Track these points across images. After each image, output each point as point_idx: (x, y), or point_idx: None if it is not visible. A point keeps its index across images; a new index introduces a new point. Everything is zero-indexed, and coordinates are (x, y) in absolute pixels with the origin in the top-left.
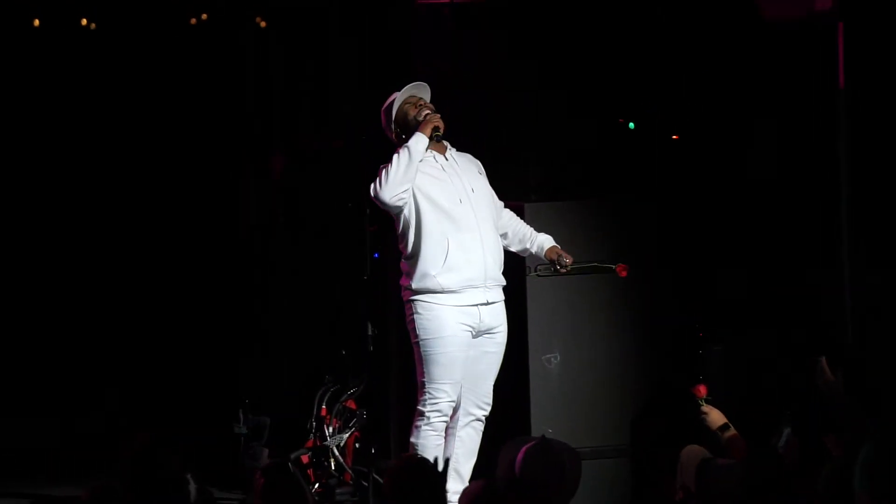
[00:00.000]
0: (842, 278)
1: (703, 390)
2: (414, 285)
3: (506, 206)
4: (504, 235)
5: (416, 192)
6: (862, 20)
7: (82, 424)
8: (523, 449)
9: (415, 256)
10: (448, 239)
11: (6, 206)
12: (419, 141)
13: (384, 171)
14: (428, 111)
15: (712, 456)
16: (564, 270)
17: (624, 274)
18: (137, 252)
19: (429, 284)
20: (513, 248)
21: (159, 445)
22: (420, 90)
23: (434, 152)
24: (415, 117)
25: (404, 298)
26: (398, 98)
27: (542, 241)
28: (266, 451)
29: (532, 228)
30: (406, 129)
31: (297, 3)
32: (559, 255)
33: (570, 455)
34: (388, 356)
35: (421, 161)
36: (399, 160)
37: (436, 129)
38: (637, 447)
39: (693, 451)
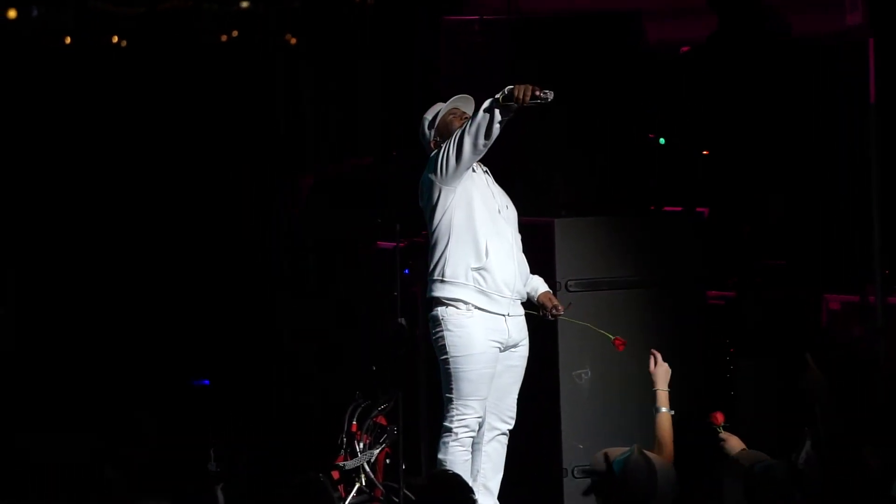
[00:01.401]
0: (875, 293)
1: (720, 417)
2: (442, 293)
3: (534, 223)
4: None
5: (461, 192)
6: (893, 35)
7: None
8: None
9: (453, 253)
10: (487, 243)
11: (43, 229)
12: (506, 109)
13: (468, 125)
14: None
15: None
16: (551, 318)
17: (621, 349)
18: (162, 269)
19: (460, 294)
20: None
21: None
22: (465, 103)
23: (478, 165)
24: (458, 129)
25: (432, 310)
26: (444, 108)
27: (535, 284)
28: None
29: (528, 269)
30: (446, 139)
31: (327, 21)
32: (551, 302)
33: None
34: (418, 372)
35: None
36: (486, 117)
37: (534, 94)
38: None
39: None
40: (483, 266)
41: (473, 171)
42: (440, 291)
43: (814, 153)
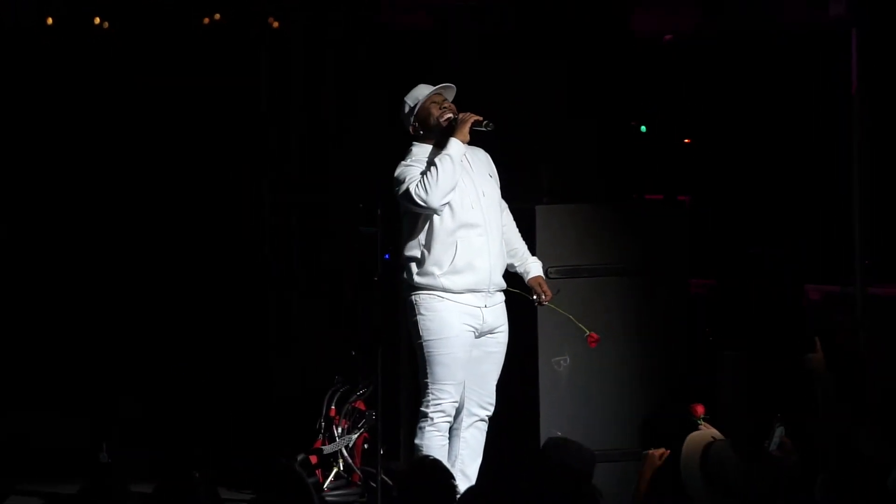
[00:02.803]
0: (854, 286)
1: (700, 409)
2: (416, 280)
3: (516, 210)
4: None
5: None
6: (875, 26)
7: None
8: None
9: (421, 254)
10: (457, 242)
11: (33, 225)
12: (458, 149)
13: (429, 176)
14: (451, 114)
15: (714, 438)
16: (538, 304)
17: (593, 346)
18: (148, 259)
19: (431, 283)
20: None
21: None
22: (446, 91)
23: None
24: (437, 119)
25: (406, 295)
26: (423, 96)
27: (529, 267)
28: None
29: (526, 247)
30: (425, 127)
31: (308, 8)
32: (540, 288)
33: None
34: (398, 357)
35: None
36: (444, 167)
37: (477, 123)
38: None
39: (694, 439)
40: (453, 270)
41: None
42: (413, 280)
43: (795, 143)
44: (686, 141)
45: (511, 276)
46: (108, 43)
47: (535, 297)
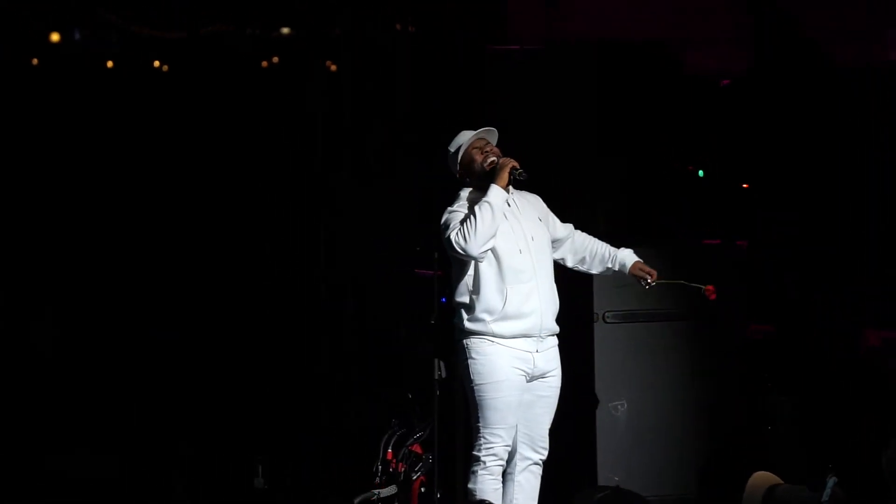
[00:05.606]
0: None
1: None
2: (467, 325)
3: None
4: (581, 261)
5: None
6: None
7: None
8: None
9: (470, 300)
10: (506, 289)
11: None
12: (499, 195)
13: (468, 224)
14: (494, 157)
15: (781, 482)
16: (647, 287)
17: (713, 297)
18: (202, 292)
19: (482, 329)
20: (594, 271)
21: None
22: (488, 134)
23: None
24: (481, 164)
25: (457, 339)
26: (465, 142)
27: (623, 259)
28: None
29: (610, 246)
30: (470, 172)
31: (368, 47)
32: (642, 272)
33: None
34: (454, 401)
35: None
36: (483, 215)
37: (514, 169)
38: (705, 496)
39: (760, 478)
40: (503, 316)
41: None
42: (464, 325)
43: (854, 185)
44: (744, 186)
45: (669, 272)
46: (167, 84)
47: (642, 281)
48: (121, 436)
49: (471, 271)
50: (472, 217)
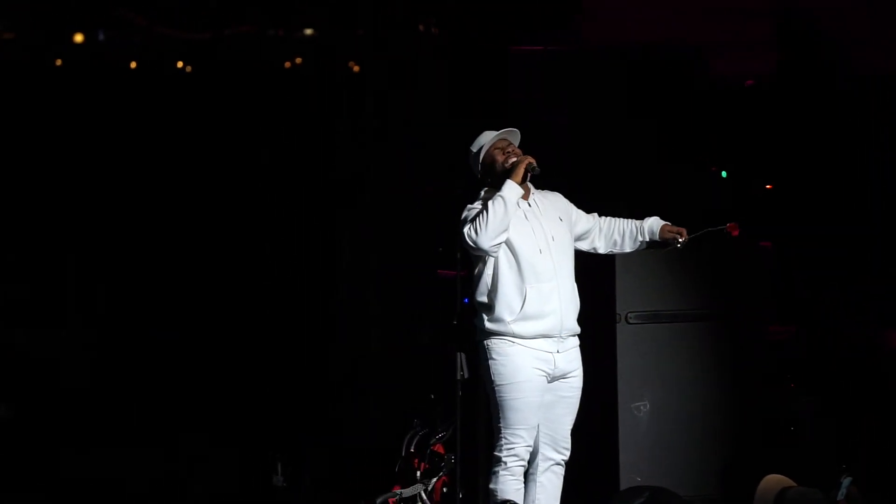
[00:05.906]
0: None
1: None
2: (487, 326)
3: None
4: (613, 244)
5: None
6: None
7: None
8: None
9: (490, 301)
10: (526, 289)
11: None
12: (512, 190)
13: (480, 218)
14: (515, 158)
15: (793, 484)
16: (679, 246)
17: (735, 233)
18: (222, 295)
19: (502, 329)
20: (627, 249)
21: None
22: (510, 135)
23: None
24: (502, 164)
25: (478, 339)
26: (487, 142)
27: (651, 226)
28: None
29: (634, 220)
30: (491, 173)
31: (390, 50)
32: (671, 233)
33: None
34: (477, 401)
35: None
36: (495, 209)
37: (530, 166)
38: (727, 497)
39: (771, 480)
40: (523, 317)
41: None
42: (484, 325)
43: (877, 188)
44: (768, 187)
45: (686, 223)
46: (190, 84)
47: (673, 241)
48: (140, 434)
49: (490, 271)
50: (484, 211)
